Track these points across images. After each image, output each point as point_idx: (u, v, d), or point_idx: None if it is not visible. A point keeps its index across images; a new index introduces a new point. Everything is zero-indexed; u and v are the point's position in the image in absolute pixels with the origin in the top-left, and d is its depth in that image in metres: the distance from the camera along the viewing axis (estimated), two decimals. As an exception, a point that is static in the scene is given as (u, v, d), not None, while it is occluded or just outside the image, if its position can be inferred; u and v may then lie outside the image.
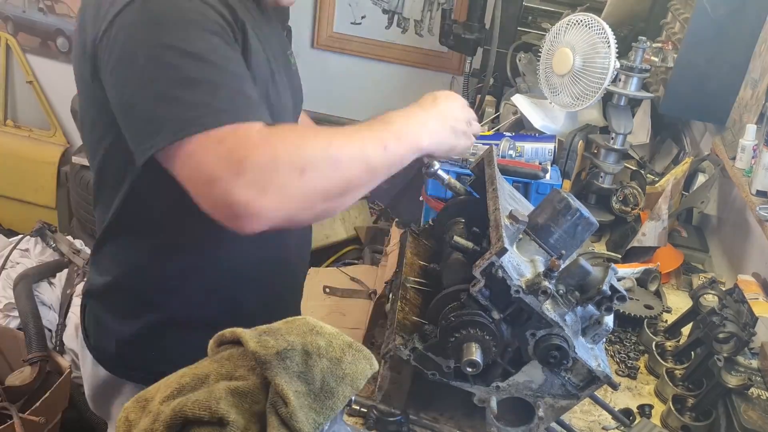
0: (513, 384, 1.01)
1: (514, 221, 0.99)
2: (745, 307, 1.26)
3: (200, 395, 0.70)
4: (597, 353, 1.01)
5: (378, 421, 1.08)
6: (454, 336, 0.97)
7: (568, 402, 1.02)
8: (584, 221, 1.01)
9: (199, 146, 0.90)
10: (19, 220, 3.73)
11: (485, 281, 0.93)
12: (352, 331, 2.21)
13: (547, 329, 0.95)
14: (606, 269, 0.97)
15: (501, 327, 0.97)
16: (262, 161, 0.89)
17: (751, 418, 1.10)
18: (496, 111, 2.44)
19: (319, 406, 0.72)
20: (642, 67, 1.72)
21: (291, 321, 0.81)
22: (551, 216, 1.01)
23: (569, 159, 1.82)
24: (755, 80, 1.70)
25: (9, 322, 2.62)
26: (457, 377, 1.02)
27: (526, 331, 0.96)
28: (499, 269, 0.92)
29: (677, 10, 1.99)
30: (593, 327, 0.99)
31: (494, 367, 1.02)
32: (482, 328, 0.96)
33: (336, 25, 3.55)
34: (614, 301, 0.95)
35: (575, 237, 1.02)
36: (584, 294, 0.96)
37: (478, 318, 0.96)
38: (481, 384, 1.02)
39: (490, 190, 1.10)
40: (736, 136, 1.72)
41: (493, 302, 0.96)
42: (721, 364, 1.15)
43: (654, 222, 1.65)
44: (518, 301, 0.94)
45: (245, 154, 0.88)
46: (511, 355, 1.00)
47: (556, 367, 0.97)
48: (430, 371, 1.02)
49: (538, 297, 0.93)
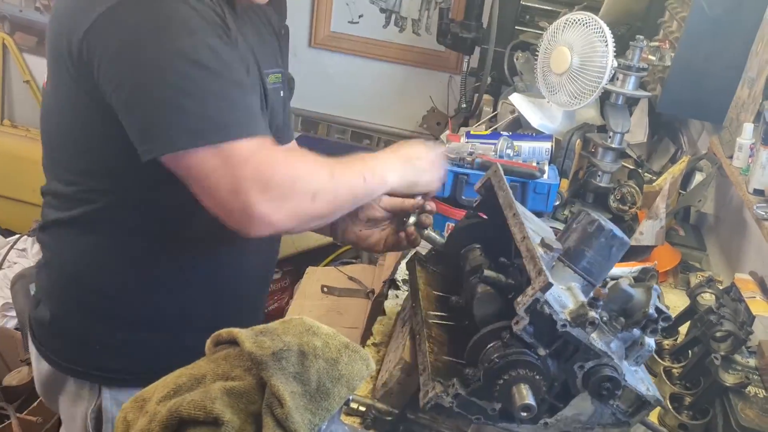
0: (562, 419, 0.96)
1: (549, 249, 0.94)
2: (742, 306, 1.26)
3: (196, 395, 0.70)
4: (642, 376, 0.97)
5: (376, 420, 1.08)
6: (503, 378, 0.90)
7: (620, 430, 0.98)
8: (618, 242, 0.97)
9: (218, 156, 0.97)
10: (17, 219, 3.72)
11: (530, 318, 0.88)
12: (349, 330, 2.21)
13: (596, 360, 0.90)
14: (648, 290, 0.93)
15: (547, 363, 0.91)
16: (285, 182, 1.00)
17: (748, 416, 1.10)
18: (494, 110, 2.44)
19: (314, 407, 0.72)
20: (639, 66, 1.72)
21: (287, 321, 0.81)
22: (583, 239, 0.96)
23: (567, 158, 1.82)
24: (752, 79, 1.70)
25: (6, 322, 2.61)
26: (503, 418, 0.96)
27: (573, 365, 0.91)
28: (544, 305, 0.86)
29: (674, 8, 2.00)
30: (636, 349, 0.95)
31: (541, 404, 0.95)
32: (531, 368, 0.90)
33: (333, 24, 3.55)
34: (659, 323, 0.91)
35: (610, 259, 0.98)
36: (629, 319, 0.92)
37: (525, 357, 0.90)
38: (528, 423, 0.96)
39: (511, 216, 1.03)
40: (733, 134, 1.72)
41: (537, 338, 0.90)
42: (718, 363, 1.14)
43: (651, 221, 1.65)
44: (565, 335, 0.88)
45: (272, 174, 0.99)
46: (558, 390, 0.95)
47: (610, 398, 0.92)
48: (474, 416, 0.95)
49: (585, 329, 0.88)
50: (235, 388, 0.72)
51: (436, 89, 3.58)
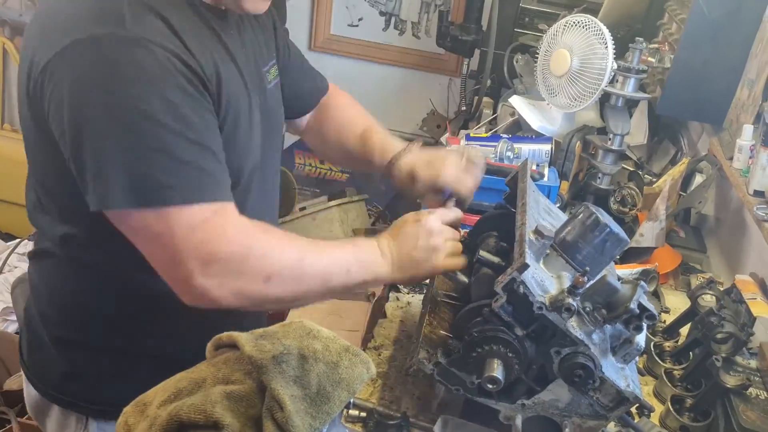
0: (539, 402, 0.99)
1: (540, 236, 0.97)
2: (743, 307, 1.26)
3: (196, 399, 0.70)
4: (627, 373, 0.99)
5: (378, 424, 1.08)
6: (476, 351, 0.95)
7: (597, 423, 1.00)
8: (613, 237, 0.98)
9: (161, 221, 0.89)
10: (17, 224, 3.72)
11: (507, 297, 0.92)
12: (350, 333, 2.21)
13: (573, 347, 0.93)
14: (635, 287, 0.94)
15: (524, 344, 0.95)
16: (232, 258, 0.92)
17: (749, 418, 1.10)
18: (494, 113, 2.44)
19: (315, 411, 0.72)
20: (639, 68, 1.72)
21: (288, 325, 0.81)
22: (579, 232, 0.99)
23: (567, 160, 1.82)
24: (752, 81, 1.70)
25: (7, 326, 2.61)
26: (482, 393, 1.00)
27: (551, 349, 0.94)
28: (520, 285, 0.90)
29: (674, 10, 2.00)
30: (624, 346, 0.97)
31: (519, 385, 1.00)
32: (504, 345, 0.94)
33: (333, 27, 3.55)
34: (643, 320, 0.93)
35: (604, 253, 0.99)
36: (611, 312, 0.93)
37: (501, 334, 0.94)
38: (506, 401, 1.00)
39: (520, 204, 1.08)
40: (733, 136, 1.72)
41: (516, 318, 0.94)
42: (719, 365, 1.14)
43: (652, 222, 1.65)
44: (541, 317, 0.92)
45: (217, 249, 0.90)
46: (536, 373, 0.98)
47: (582, 386, 0.94)
48: (454, 386, 1.00)
49: (561, 314, 0.91)
50: (235, 392, 0.72)
51: (436, 92, 3.58)
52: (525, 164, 1.20)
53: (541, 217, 1.08)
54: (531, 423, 1.01)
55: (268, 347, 0.74)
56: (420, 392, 1.18)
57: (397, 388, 1.19)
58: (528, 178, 1.16)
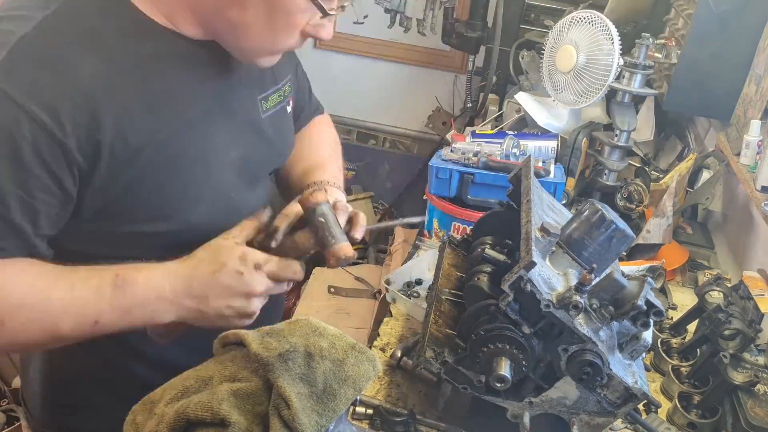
0: (546, 400, 0.99)
1: (546, 234, 0.96)
2: (751, 304, 1.25)
3: (203, 397, 0.71)
4: (635, 370, 0.99)
5: (385, 421, 1.08)
6: (484, 350, 0.95)
7: (605, 419, 1.00)
8: (619, 233, 0.98)
9: None
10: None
11: (514, 295, 0.91)
12: (356, 330, 2.22)
13: (580, 345, 0.93)
14: (642, 283, 0.94)
15: (532, 341, 0.95)
16: None
17: (757, 414, 1.09)
18: (500, 109, 2.44)
19: (321, 408, 0.72)
20: (645, 64, 1.72)
21: (294, 322, 0.81)
22: (585, 228, 0.98)
23: (573, 156, 1.81)
24: (759, 76, 1.69)
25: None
26: (489, 392, 0.99)
27: (558, 346, 0.94)
28: (527, 283, 0.90)
29: (680, 6, 1.99)
30: (631, 343, 0.97)
31: (527, 382, 1.00)
32: (512, 343, 0.94)
33: (338, 25, 3.55)
34: (650, 317, 0.93)
35: (610, 250, 0.99)
36: (619, 309, 0.93)
37: (508, 332, 0.94)
38: (513, 399, 1.00)
39: (524, 202, 1.07)
40: (740, 132, 1.71)
41: (523, 316, 0.94)
42: (726, 361, 1.14)
43: (659, 219, 1.65)
44: (549, 315, 0.91)
45: None
46: (544, 371, 0.98)
47: (590, 383, 0.94)
48: (461, 385, 1.00)
49: (569, 311, 0.90)
50: (241, 390, 0.72)
51: (442, 89, 3.58)
52: (528, 161, 1.20)
53: (545, 214, 1.08)
54: (539, 420, 1.01)
55: (274, 345, 0.74)
56: (426, 389, 1.18)
57: (403, 384, 1.19)
58: (531, 174, 1.16)
